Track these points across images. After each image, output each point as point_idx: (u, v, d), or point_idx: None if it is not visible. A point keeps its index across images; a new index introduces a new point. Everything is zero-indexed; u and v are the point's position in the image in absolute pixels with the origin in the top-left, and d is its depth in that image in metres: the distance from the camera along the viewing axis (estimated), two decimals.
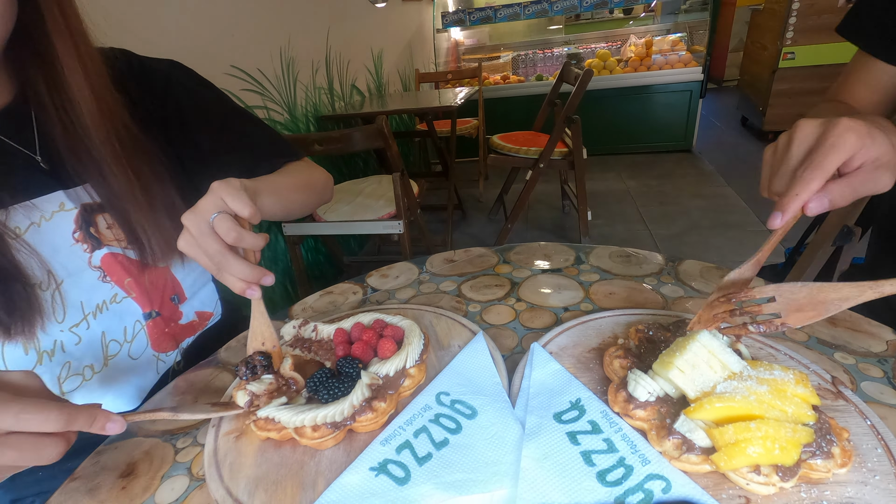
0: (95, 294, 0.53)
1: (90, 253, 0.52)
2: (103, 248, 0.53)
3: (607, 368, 0.43)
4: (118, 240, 0.54)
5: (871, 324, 0.50)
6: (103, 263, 0.53)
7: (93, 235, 0.52)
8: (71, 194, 0.51)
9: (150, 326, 0.58)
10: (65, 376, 0.51)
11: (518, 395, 0.43)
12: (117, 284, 0.54)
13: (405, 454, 0.38)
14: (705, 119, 4.35)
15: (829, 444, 0.33)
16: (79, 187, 0.51)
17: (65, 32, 0.47)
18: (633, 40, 3.71)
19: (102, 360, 0.53)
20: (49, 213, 0.49)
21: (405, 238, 1.64)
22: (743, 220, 2.47)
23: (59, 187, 0.50)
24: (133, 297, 0.56)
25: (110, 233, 0.53)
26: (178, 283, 0.61)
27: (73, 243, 0.51)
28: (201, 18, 1.46)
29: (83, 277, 0.51)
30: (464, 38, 4.31)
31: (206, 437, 0.43)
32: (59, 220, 0.49)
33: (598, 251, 0.70)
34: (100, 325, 0.53)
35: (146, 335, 0.58)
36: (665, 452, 0.35)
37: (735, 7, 5.27)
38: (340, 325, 0.51)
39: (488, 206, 2.95)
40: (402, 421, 0.41)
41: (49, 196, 0.49)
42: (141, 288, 0.56)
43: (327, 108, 2.29)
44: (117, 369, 0.55)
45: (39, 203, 0.48)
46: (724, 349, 0.38)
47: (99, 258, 0.53)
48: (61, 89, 0.47)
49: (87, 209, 0.52)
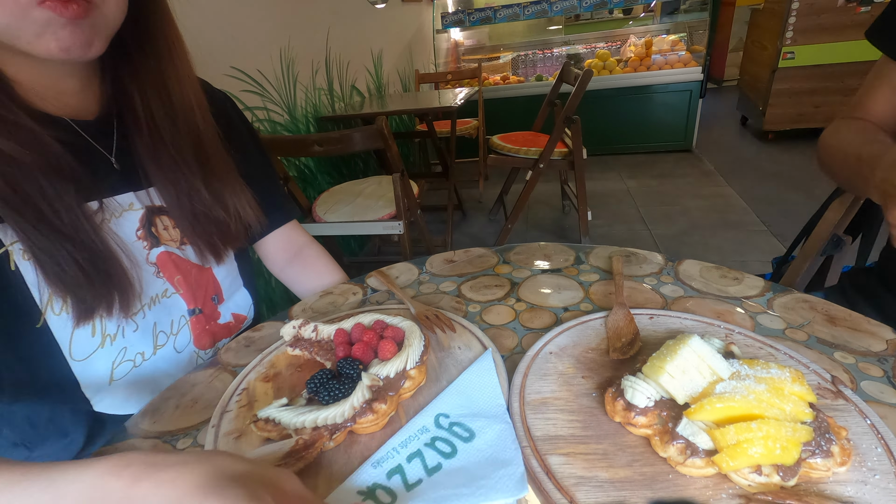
0: (151, 287, 0.57)
1: (148, 250, 0.57)
2: (160, 246, 0.58)
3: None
4: (174, 240, 0.60)
5: (871, 323, 0.50)
6: (158, 260, 0.58)
7: (153, 234, 0.58)
8: (139, 196, 0.56)
9: (193, 322, 0.62)
10: (119, 361, 0.54)
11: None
12: (168, 281, 0.59)
13: (395, 479, 0.36)
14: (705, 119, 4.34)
15: (828, 442, 0.33)
16: (143, 191, 0.56)
17: (170, 52, 0.53)
18: (633, 40, 3.71)
19: (152, 349, 0.57)
20: (119, 211, 0.54)
21: (405, 238, 1.64)
22: (743, 220, 2.47)
23: (130, 189, 0.55)
24: (180, 293, 0.60)
25: (167, 233, 0.59)
26: (219, 284, 0.66)
27: (135, 240, 0.56)
28: (201, 19, 1.46)
29: (142, 271, 0.56)
30: (463, 38, 4.31)
31: (206, 437, 0.43)
32: (127, 217, 0.55)
33: (597, 251, 0.70)
34: (153, 316, 0.57)
35: (189, 330, 0.62)
36: (670, 458, 0.35)
37: (734, 7, 5.27)
38: (341, 325, 0.51)
39: (488, 207, 2.95)
40: (396, 442, 0.39)
41: (122, 196, 0.55)
42: (188, 285, 0.61)
43: (327, 108, 2.29)
44: (164, 360, 0.58)
45: (114, 201, 0.54)
46: (714, 355, 0.38)
47: (155, 255, 0.58)
48: (157, 103, 0.54)
49: (151, 210, 0.57)
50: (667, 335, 0.48)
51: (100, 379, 0.53)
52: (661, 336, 0.48)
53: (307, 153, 1.57)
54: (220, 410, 0.46)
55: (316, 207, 1.78)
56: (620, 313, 0.52)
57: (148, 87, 0.53)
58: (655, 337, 0.49)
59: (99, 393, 0.54)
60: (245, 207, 0.62)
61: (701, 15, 3.51)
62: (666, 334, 0.49)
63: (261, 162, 0.72)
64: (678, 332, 0.45)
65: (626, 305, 0.53)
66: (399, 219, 1.62)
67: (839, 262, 0.76)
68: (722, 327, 0.49)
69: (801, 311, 0.53)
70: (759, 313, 0.53)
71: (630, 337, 0.48)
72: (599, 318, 0.53)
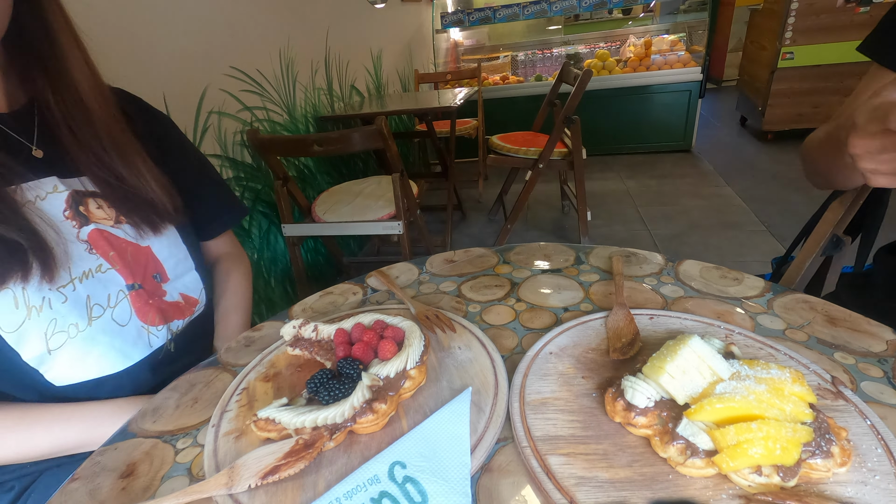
0: (83, 262, 0.58)
1: (78, 228, 0.59)
2: (90, 224, 0.60)
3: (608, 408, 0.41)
4: (108, 218, 0.62)
5: (871, 324, 0.50)
6: (90, 238, 0.60)
7: (81, 214, 0.60)
8: (65, 182, 0.59)
9: (132, 296, 0.63)
10: (51, 332, 0.55)
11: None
12: (102, 256, 0.60)
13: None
14: (704, 119, 4.35)
15: (828, 443, 0.33)
16: (73, 179, 0.59)
17: (70, 39, 0.57)
18: (633, 40, 3.71)
19: (87, 320, 0.57)
20: (44, 193, 0.57)
21: (405, 238, 1.64)
22: (742, 220, 2.47)
23: (54, 174, 0.58)
24: (117, 269, 0.62)
25: (101, 212, 0.61)
26: (160, 263, 0.67)
27: (62, 220, 0.58)
28: (201, 19, 1.46)
29: (71, 248, 0.57)
30: (463, 38, 4.31)
31: (206, 437, 0.43)
32: (52, 199, 0.57)
33: (597, 251, 0.70)
34: (85, 290, 0.58)
35: (129, 304, 0.62)
36: (670, 459, 0.35)
37: (734, 7, 5.28)
38: (341, 325, 0.51)
39: (488, 207, 2.95)
40: (342, 491, 0.35)
41: (45, 180, 0.57)
42: (124, 261, 0.62)
43: (326, 108, 2.29)
44: (102, 331, 0.59)
45: (36, 185, 0.56)
46: (714, 355, 0.38)
47: (86, 233, 0.59)
48: (67, 91, 0.57)
49: (79, 193, 0.60)
50: (667, 335, 0.48)
51: (37, 349, 0.54)
52: (661, 336, 0.48)
53: (306, 153, 1.57)
54: (220, 410, 0.46)
55: (315, 207, 1.77)
56: (620, 313, 0.52)
57: (56, 81, 0.57)
58: (655, 337, 0.49)
59: (44, 363, 0.55)
60: (157, 189, 0.65)
61: (700, 15, 3.52)
62: (666, 335, 0.49)
63: (201, 169, 0.80)
64: (678, 333, 0.45)
65: (626, 306, 0.53)
66: (398, 219, 1.62)
67: (839, 262, 0.76)
68: (722, 328, 0.49)
69: (801, 311, 0.53)
70: (759, 314, 0.53)
71: (630, 337, 0.48)
72: (599, 319, 0.53)
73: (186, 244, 0.71)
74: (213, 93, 1.50)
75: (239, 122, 1.64)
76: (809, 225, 0.78)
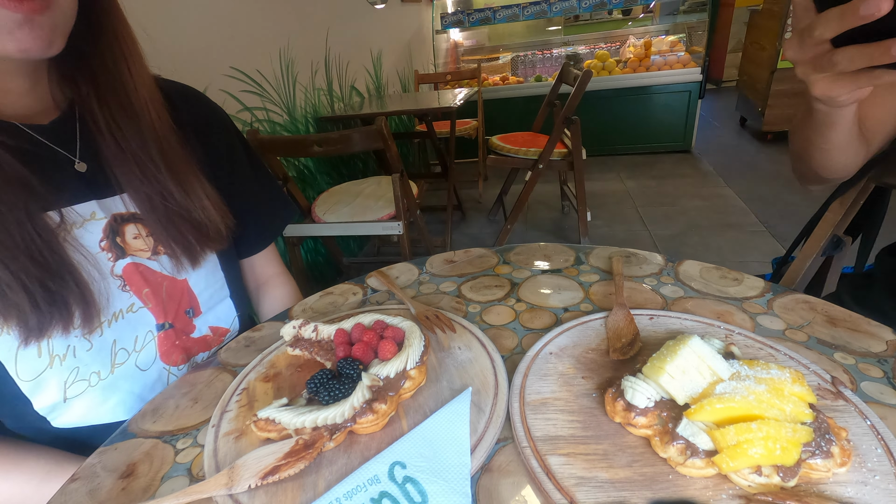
0: (115, 302, 0.54)
1: (113, 262, 0.54)
2: (127, 257, 0.55)
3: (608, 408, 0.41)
4: (144, 250, 0.56)
5: (871, 324, 0.50)
6: (125, 273, 0.55)
7: (118, 245, 0.54)
8: (103, 204, 0.53)
9: (160, 338, 0.59)
10: (71, 381, 0.51)
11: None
12: (135, 294, 0.56)
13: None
14: (704, 120, 4.36)
15: (828, 443, 0.33)
16: (113, 197, 0.54)
17: (123, 51, 0.51)
18: (632, 41, 3.72)
19: (109, 368, 0.54)
20: (81, 222, 0.51)
21: (405, 239, 1.64)
22: (742, 221, 2.47)
23: (93, 197, 0.52)
24: (149, 307, 0.57)
25: (138, 242, 0.56)
26: (195, 296, 0.62)
27: (98, 251, 0.52)
28: (201, 19, 1.46)
29: (105, 286, 0.52)
30: (463, 39, 4.32)
31: (206, 437, 0.43)
32: (88, 228, 0.52)
33: (597, 251, 0.70)
34: (112, 333, 0.54)
35: (155, 346, 0.58)
36: (670, 459, 0.35)
37: (734, 8, 5.29)
38: (341, 325, 0.51)
39: (488, 207, 2.95)
40: (342, 491, 0.35)
41: (82, 205, 0.51)
42: (157, 299, 0.58)
43: (326, 109, 2.29)
44: (124, 377, 0.55)
45: (73, 211, 0.50)
46: (714, 355, 0.38)
47: (121, 267, 0.54)
48: (114, 96, 0.51)
49: (117, 219, 0.54)
50: (667, 336, 0.48)
51: (52, 399, 0.50)
52: (661, 337, 0.48)
53: (306, 153, 1.57)
54: (220, 410, 0.46)
55: (315, 208, 1.78)
56: (620, 314, 0.52)
57: (104, 88, 0.51)
58: (655, 337, 0.49)
59: (55, 411, 0.52)
60: (209, 208, 0.59)
61: (700, 16, 3.52)
62: (666, 335, 0.49)
63: (259, 175, 0.73)
64: (678, 333, 0.45)
65: (626, 306, 0.53)
66: (398, 219, 1.62)
67: (839, 262, 0.76)
68: (722, 328, 0.49)
69: (801, 311, 0.53)
70: (759, 314, 0.53)
71: (630, 337, 0.48)
72: (599, 319, 0.53)
73: (225, 270, 0.66)
74: (213, 93, 1.50)
75: (239, 123, 1.64)
76: (810, 225, 0.78)
